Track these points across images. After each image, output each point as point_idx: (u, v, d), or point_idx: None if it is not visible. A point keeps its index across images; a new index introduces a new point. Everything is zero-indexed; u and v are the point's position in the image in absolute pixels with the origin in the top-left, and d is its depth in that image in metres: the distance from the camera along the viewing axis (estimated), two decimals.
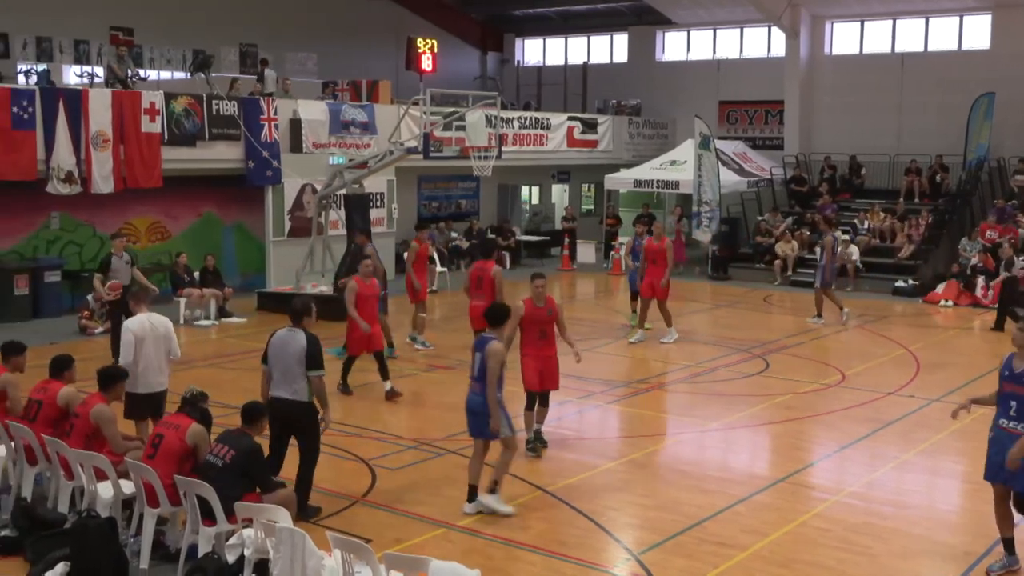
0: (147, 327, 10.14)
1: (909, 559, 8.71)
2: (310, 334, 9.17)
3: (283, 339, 9.19)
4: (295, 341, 9.10)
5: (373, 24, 32.11)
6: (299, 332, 9.17)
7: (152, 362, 10.10)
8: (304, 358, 9.00)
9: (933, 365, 16.38)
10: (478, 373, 9.36)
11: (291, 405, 9.08)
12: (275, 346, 9.20)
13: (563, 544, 8.83)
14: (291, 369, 9.04)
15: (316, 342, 9.14)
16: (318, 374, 9.10)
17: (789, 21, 30.55)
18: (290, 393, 9.06)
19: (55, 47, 20.63)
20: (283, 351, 9.10)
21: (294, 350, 9.04)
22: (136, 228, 21.78)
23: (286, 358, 9.07)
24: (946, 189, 27.88)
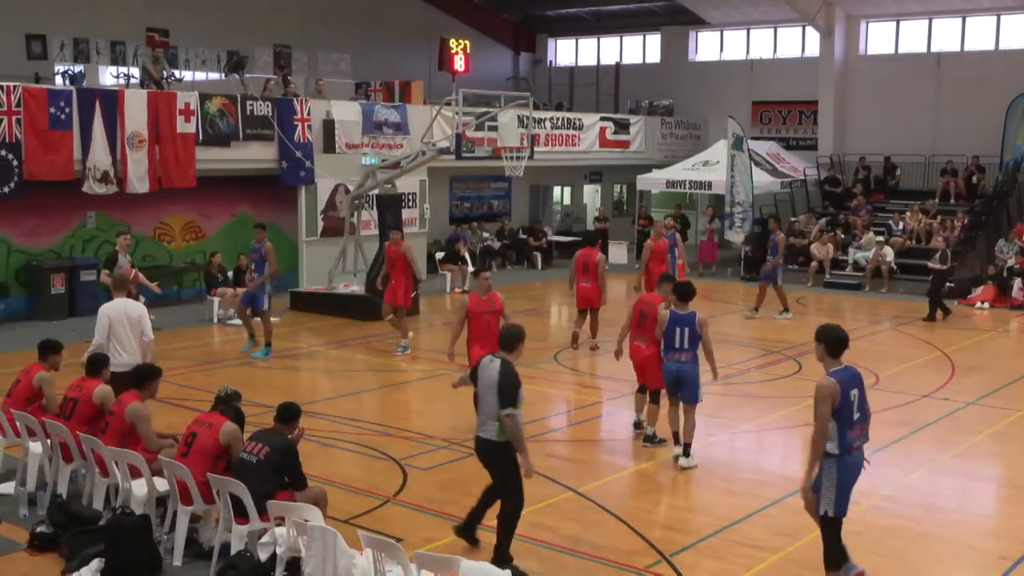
0: (121, 311, 10.89)
1: (942, 564, 8.63)
2: (508, 365, 8.03)
3: (483, 369, 8.19)
4: (489, 372, 8.07)
5: (406, 25, 32.19)
6: (497, 361, 8.10)
7: (123, 343, 10.76)
8: (498, 393, 7.93)
9: (969, 368, 16.22)
10: (689, 344, 10.78)
11: (488, 445, 8.11)
12: (478, 375, 8.26)
13: (594, 545, 8.82)
14: (486, 403, 8.09)
15: (511, 375, 7.95)
16: (507, 412, 7.87)
17: (824, 21, 30.34)
18: (488, 432, 8.08)
19: (92, 48, 20.80)
20: (481, 383, 8.16)
21: (488, 382, 8.05)
22: (171, 228, 21.97)
23: (483, 390, 8.14)
24: (982, 190, 27.60)
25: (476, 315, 12.22)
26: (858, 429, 7.60)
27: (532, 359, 16.45)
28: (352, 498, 9.76)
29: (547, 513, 9.57)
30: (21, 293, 19.52)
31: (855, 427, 7.55)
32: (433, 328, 19.92)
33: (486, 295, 12.34)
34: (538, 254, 29.12)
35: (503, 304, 12.46)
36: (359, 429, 12.47)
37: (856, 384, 7.70)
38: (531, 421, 12.75)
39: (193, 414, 9.68)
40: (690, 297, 11.02)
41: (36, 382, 9.96)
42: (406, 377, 15.61)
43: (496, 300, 12.38)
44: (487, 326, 12.02)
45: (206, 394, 12.65)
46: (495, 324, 11.92)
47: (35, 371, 10.07)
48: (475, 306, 12.28)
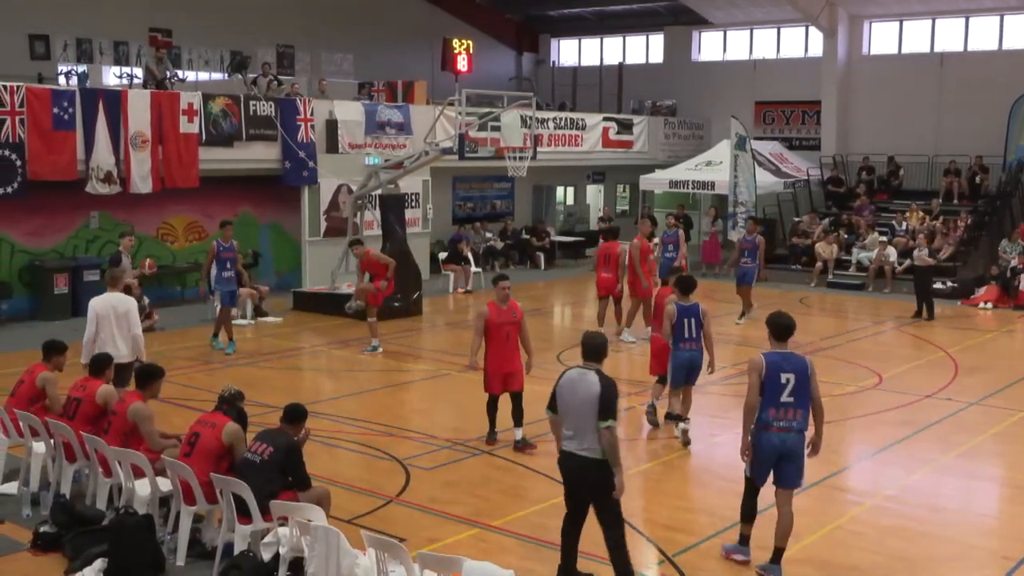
0: (109, 305, 11.20)
1: (945, 563, 8.63)
2: (605, 376, 7.67)
3: (572, 381, 7.71)
4: (587, 384, 7.61)
5: (409, 25, 32.20)
6: (591, 373, 7.66)
7: (110, 336, 11.08)
8: (598, 405, 7.53)
9: (972, 368, 16.21)
10: (697, 333, 11.60)
11: (582, 462, 7.65)
12: (564, 389, 7.75)
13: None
14: (582, 418, 7.59)
15: (613, 385, 7.66)
16: (608, 425, 7.51)
17: (827, 21, 30.32)
18: (580, 447, 7.64)
19: (95, 48, 20.83)
20: (572, 396, 7.66)
21: (585, 396, 7.58)
22: (174, 228, 21.99)
23: (576, 404, 7.62)
24: (985, 190, 27.58)
25: (496, 326, 11.63)
26: (784, 412, 8.17)
27: (536, 359, 16.44)
28: (355, 498, 9.76)
29: (550, 513, 9.55)
30: (24, 293, 19.53)
31: (780, 408, 8.16)
32: (436, 328, 19.94)
33: (505, 304, 11.79)
34: (541, 254, 29.13)
35: (522, 313, 11.97)
36: (362, 429, 12.47)
37: (792, 370, 8.20)
38: (534, 421, 12.77)
39: (196, 414, 9.69)
40: (692, 289, 11.86)
41: (39, 382, 9.99)
42: (409, 377, 15.62)
43: (516, 310, 11.85)
44: (506, 338, 11.64)
45: (208, 394, 12.66)
46: (514, 335, 11.66)
47: (39, 371, 10.09)
48: (495, 316, 11.65)
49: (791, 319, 8.51)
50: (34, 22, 21.93)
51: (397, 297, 19.81)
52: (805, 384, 8.22)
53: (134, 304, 11.45)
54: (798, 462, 8.35)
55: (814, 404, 8.30)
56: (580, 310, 23.36)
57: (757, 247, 20.14)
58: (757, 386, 8.19)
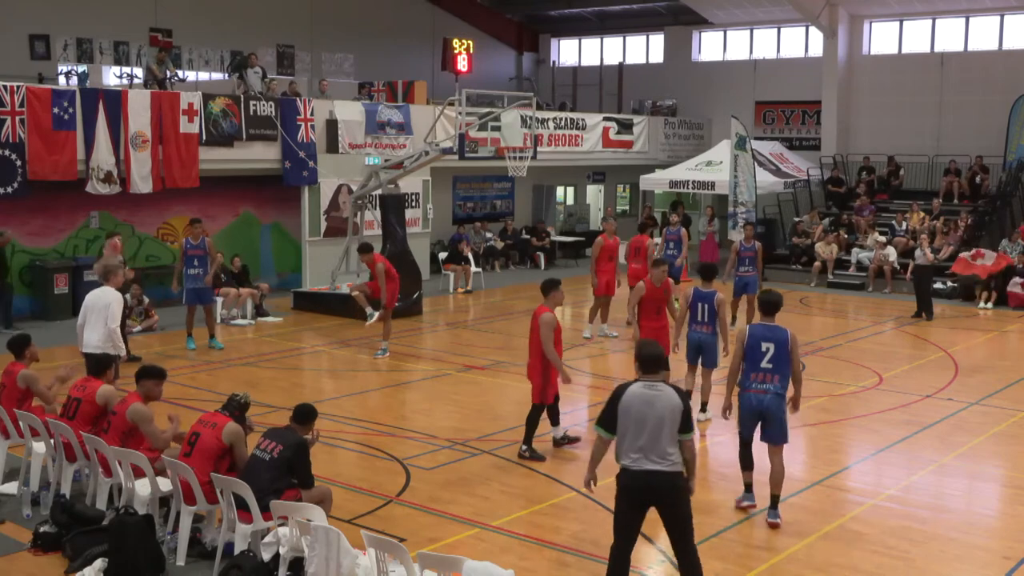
0: (95, 297, 11.57)
1: (947, 563, 8.62)
2: (679, 388, 7.45)
3: (644, 398, 7.25)
4: (665, 399, 7.24)
5: (409, 25, 32.21)
6: (665, 388, 7.31)
7: (92, 326, 11.40)
8: (679, 419, 7.25)
9: (972, 368, 16.21)
10: (708, 318, 12.52)
11: (665, 477, 7.24)
12: (633, 408, 7.25)
13: (597, 544, 8.81)
14: (656, 433, 7.20)
15: (688, 396, 7.57)
16: (690, 437, 7.35)
17: (827, 20, 30.31)
18: (664, 463, 7.22)
19: (95, 48, 20.84)
20: (647, 413, 7.21)
21: (665, 410, 7.22)
22: (174, 228, 21.98)
23: (653, 420, 7.20)
24: (986, 190, 27.57)
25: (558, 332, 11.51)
26: (762, 376, 9.44)
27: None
28: (355, 498, 9.76)
29: (550, 513, 9.58)
30: (25, 293, 19.52)
31: (759, 372, 9.44)
32: (436, 328, 19.93)
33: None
34: (541, 254, 29.12)
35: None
36: (362, 429, 12.47)
37: (773, 340, 9.50)
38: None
39: (197, 414, 9.67)
40: (712, 277, 13.17)
41: (21, 382, 9.94)
42: (409, 377, 15.62)
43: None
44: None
45: (209, 394, 12.68)
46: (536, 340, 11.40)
47: (16, 371, 10.01)
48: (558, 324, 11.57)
49: (779, 296, 9.93)
50: (34, 22, 21.96)
51: (398, 297, 19.80)
52: (784, 353, 9.42)
53: (116, 299, 11.59)
54: (779, 421, 9.39)
55: (793, 371, 9.49)
56: (581, 310, 23.35)
57: (756, 254, 19.12)
58: (739, 353, 9.60)
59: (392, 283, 16.50)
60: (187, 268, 16.81)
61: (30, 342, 10.32)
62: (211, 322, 17.19)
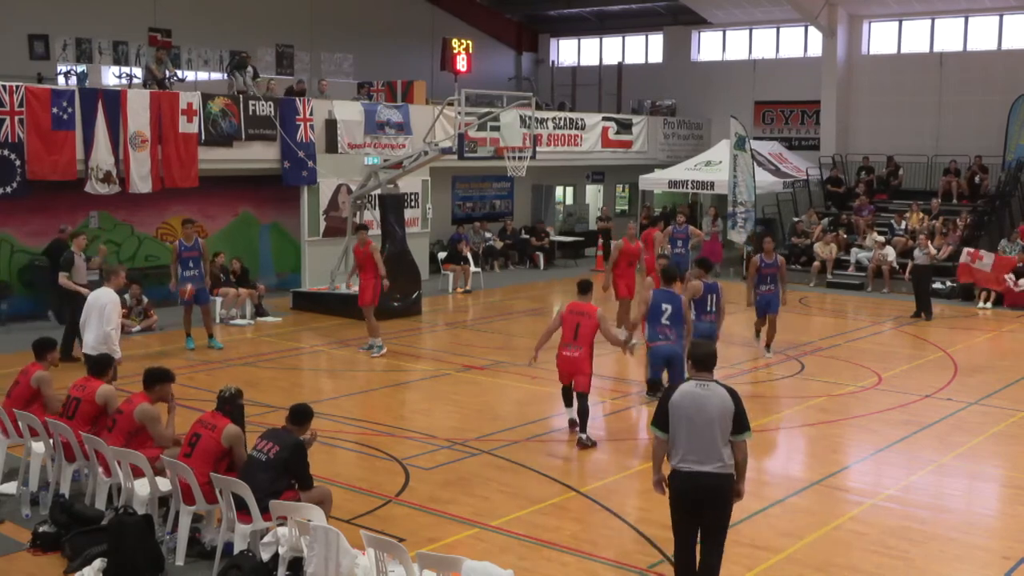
0: (95, 298, 11.82)
1: (946, 563, 8.63)
2: (730, 387, 7.28)
3: (695, 397, 7.12)
4: (716, 399, 7.11)
5: (409, 25, 32.20)
6: (717, 387, 7.17)
7: (91, 327, 11.62)
8: (732, 420, 7.12)
9: (971, 368, 16.21)
10: (715, 308, 13.83)
11: (714, 479, 7.09)
12: (684, 407, 7.12)
13: (596, 545, 8.82)
14: (708, 434, 7.07)
15: (741, 398, 7.29)
16: (743, 438, 7.19)
17: (826, 20, 30.31)
18: (717, 465, 7.08)
19: (94, 48, 20.83)
20: (700, 413, 7.07)
21: (717, 411, 7.08)
22: (173, 228, 21.95)
23: (703, 421, 7.07)
24: (985, 190, 27.57)
25: None
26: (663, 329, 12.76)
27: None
28: (354, 498, 9.76)
29: (549, 513, 9.58)
30: (24, 293, 19.52)
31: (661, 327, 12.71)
32: (435, 328, 19.93)
33: None
34: (540, 254, 29.12)
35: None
36: (361, 429, 12.47)
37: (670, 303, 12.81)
38: (534, 421, 12.79)
39: (196, 414, 9.67)
40: (711, 268, 14.51)
41: (34, 382, 9.97)
42: (408, 377, 15.61)
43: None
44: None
45: (209, 394, 12.66)
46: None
47: (33, 371, 10.07)
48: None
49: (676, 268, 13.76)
50: (33, 22, 21.95)
51: (397, 297, 19.81)
52: (679, 313, 12.74)
53: (113, 301, 11.69)
54: (679, 366, 12.30)
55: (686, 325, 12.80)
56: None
57: (779, 270, 16.78)
58: (645, 312, 12.88)
59: (377, 279, 16.65)
60: (182, 270, 16.85)
61: (54, 346, 10.46)
62: (208, 322, 17.21)
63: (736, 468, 7.20)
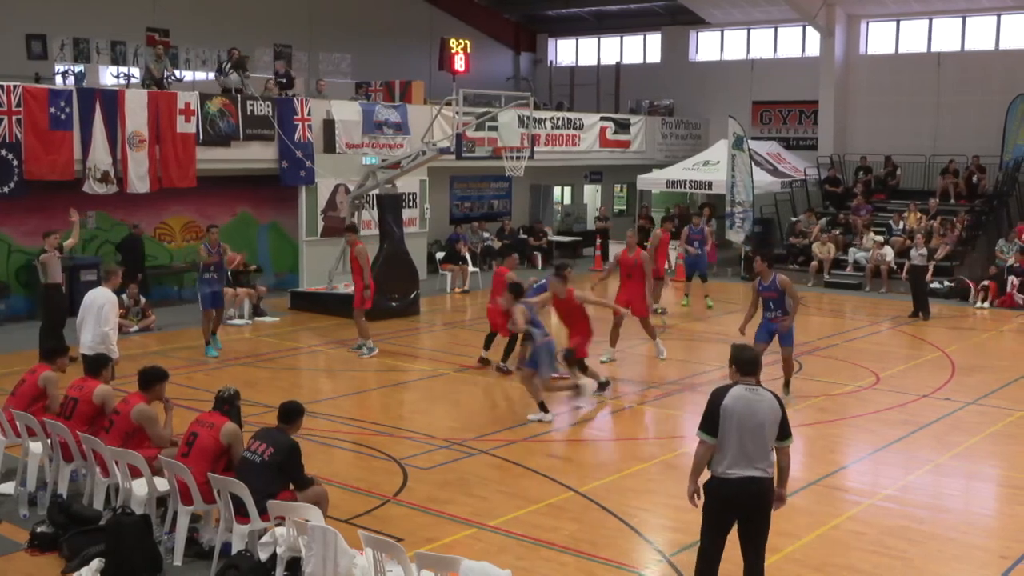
0: (91, 298, 11.95)
1: (944, 563, 8.63)
2: (776, 394, 7.34)
3: (748, 401, 7.06)
4: (766, 404, 7.09)
5: (407, 25, 32.19)
6: (765, 391, 7.19)
7: (88, 327, 11.74)
8: (779, 425, 7.15)
9: (969, 367, 16.21)
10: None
11: (763, 484, 7.09)
12: (736, 412, 7.02)
13: (594, 545, 8.82)
14: (759, 439, 7.05)
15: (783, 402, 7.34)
16: (788, 443, 7.26)
17: (824, 20, 30.32)
18: (765, 471, 7.08)
19: (92, 48, 20.82)
20: (751, 418, 7.02)
21: (766, 416, 7.06)
22: (171, 228, 21.98)
23: (753, 425, 7.02)
24: (983, 190, 27.58)
25: None
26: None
27: None
28: (352, 498, 9.76)
29: (547, 513, 9.57)
30: (22, 293, 19.51)
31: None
32: (433, 328, 19.92)
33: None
34: (538, 254, 29.10)
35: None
36: (359, 429, 12.47)
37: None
38: (532, 421, 12.78)
39: (194, 414, 9.67)
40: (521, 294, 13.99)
41: (41, 382, 9.98)
42: (406, 377, 15.61)
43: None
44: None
45: (207, 394, 12.64)
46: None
47: (41, 371, 10.10)
48: None
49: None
50: (31, 22, 21.92)
51: (395, 296, 19.81)
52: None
53: (109, 301, 11.79)
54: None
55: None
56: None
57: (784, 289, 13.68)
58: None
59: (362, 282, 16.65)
60: (203, 273, 16.71)
61: (65, 353, 10.56)
62: (217, 322, 17.17)
63: (780, 473, 7.21)
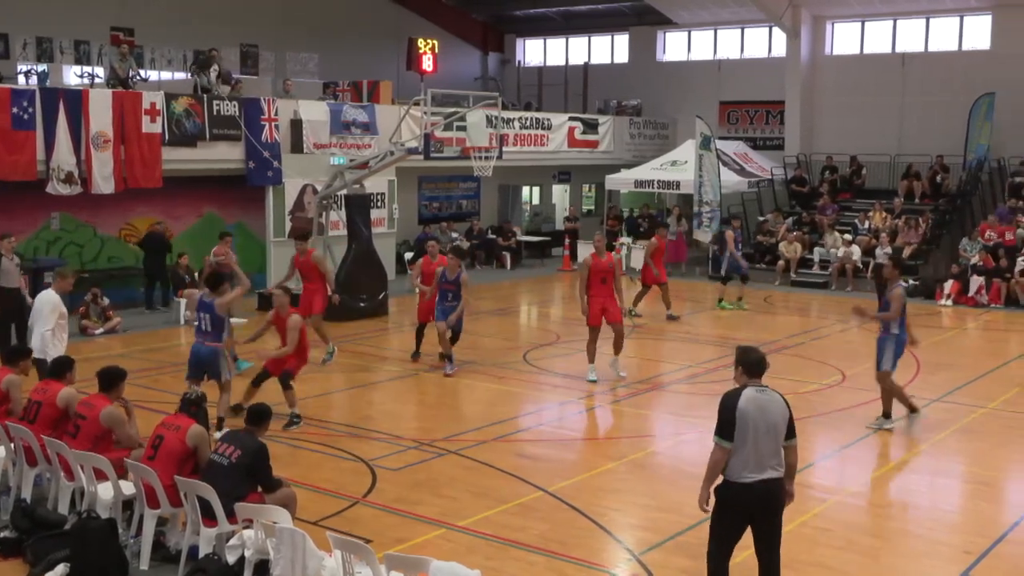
0: (40, 301, 12.23)
1: (910, 559, 8.70)
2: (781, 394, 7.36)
3: (759, 403, 7.11)
4: (776, 404, 7.16)
5: (374, 24, 32.10)
6: (773, 392, 7.26)
7: (36, 330, 12.06)
8: (789, 424, 7.20)
9: (934, 365, 16.36)
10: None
11: (778, 484, 7.13)
12: (751, 415, 7.04)
13: (564, 544, 8.82)
14: (770, 441, 7.06)
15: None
16: (795, 442, 7.29)
17: (790, 21, 30.52)
18: (779, 471, 7.12)
19: (55, 47, 20.60)
20: (763, 419, 7.05)
21: (777, 416, 7.12)
22: (137, 228, 21.76)
23: (765, 427, 7.05)
24: (947, 189, 27.86)
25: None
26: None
27: (502, 359, 16.48)
28: (321, 499, 9.71)
29: (517, 513, 9.57)
30: None
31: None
32: (402, 329, 19.86)
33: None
34: (507, 254, 29.11)
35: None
36: (328, 430, 12.41)
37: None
38: (501, 421, 12.79)
39: (159, 416, 9.60)
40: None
41: (4, 385, 9.87)
42: (375, 378, 15.56)
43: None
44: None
45: (172, 396, 12.54)
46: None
47: (3, 374, 9.96)
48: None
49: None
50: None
51: (363, 297, 19.74)
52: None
53: (50, 303, 11.98)
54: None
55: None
56: (547, 310, 23.39)
57: None
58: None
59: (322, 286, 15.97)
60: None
61: (27, 355, 10.53)
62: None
63: (789, 470, 7.24)
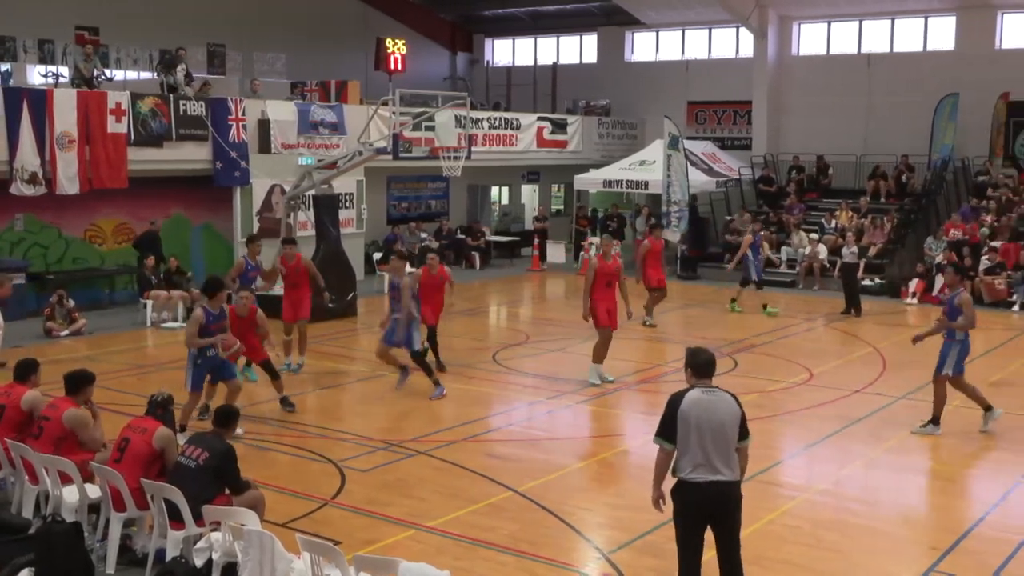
0: None
1: (877, 555, 8.77)
2: (734, 394, 7.22)
3: (705, 403, 7.00)
4: (724, 405, 7.03)
5: (342, 24, 31.99)
6: (723, 392, 7.11)
7: None
8: (740, 425, 7.08)
9: (899, 363, 16.49)
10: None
11: (729, 487, 6.99)
12: (693, 415, 6.94)
13: (533, 544, 8.83)
14: (719, 441, 6.95)
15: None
16: (747, 443, 7.19)
17: (757, 22, 30.71)
18: (731, 473, 6.98)
19: (19, 46, 20.38)
20: (710, 420, 6.95)
21: (726, 417, 6.99)
22: (102, 229, 21.59)
23: (713, 427, 6.95)
24: (912, 189, 28.11)
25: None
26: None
27: (471, 359, 16.47)
28: (289, 501, 9.66)
29: (486, 513, 9.57)
30: None
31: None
32: (371, 329, 19.77)
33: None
34: (476, 254, 29.10)
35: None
36: (296, 432, 12.36)
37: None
38: (471, 421, 12.78)
39: (126, 419, 9.51)
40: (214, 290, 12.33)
41: None
42: (344, 379, 15.51)
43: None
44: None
45: (138, 398, 12.45)
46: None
47: None
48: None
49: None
50: None
51: (332, 298, 19.64)
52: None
53: None
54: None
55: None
56: (516, 310, 23.41)
57: None
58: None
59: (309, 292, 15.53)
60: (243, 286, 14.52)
61: None
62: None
63: (742, 472, 7.17)
